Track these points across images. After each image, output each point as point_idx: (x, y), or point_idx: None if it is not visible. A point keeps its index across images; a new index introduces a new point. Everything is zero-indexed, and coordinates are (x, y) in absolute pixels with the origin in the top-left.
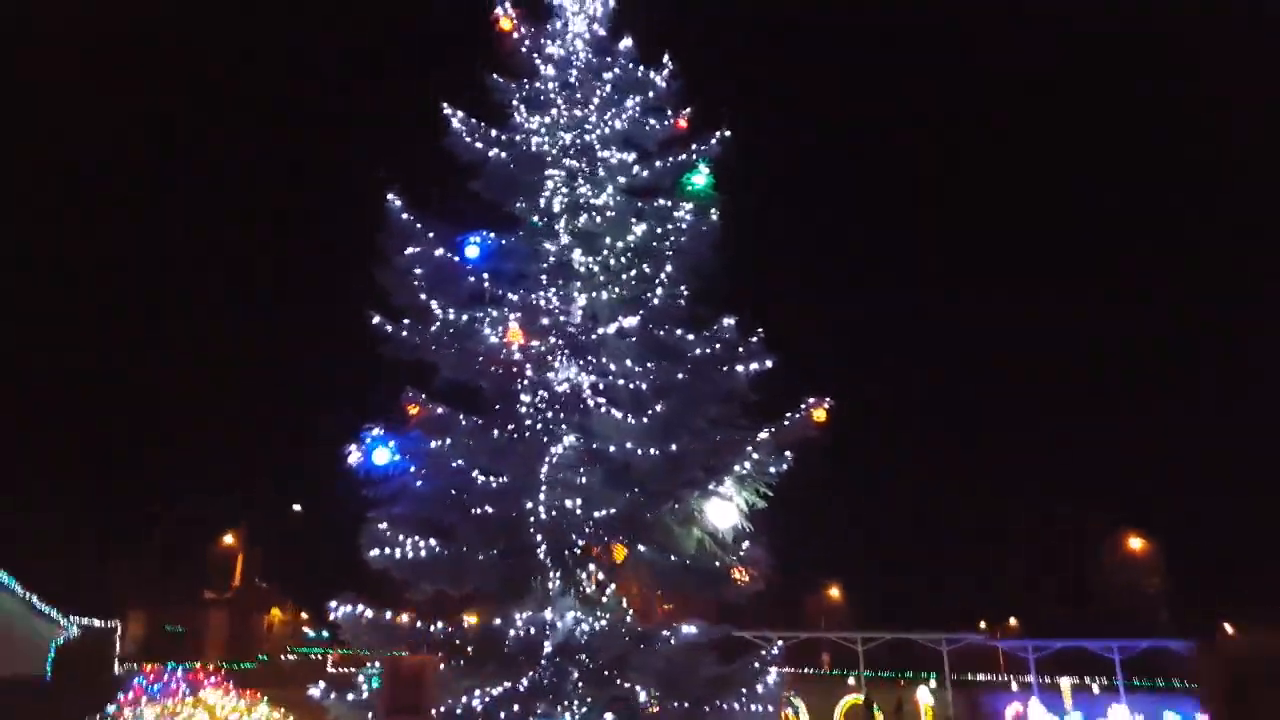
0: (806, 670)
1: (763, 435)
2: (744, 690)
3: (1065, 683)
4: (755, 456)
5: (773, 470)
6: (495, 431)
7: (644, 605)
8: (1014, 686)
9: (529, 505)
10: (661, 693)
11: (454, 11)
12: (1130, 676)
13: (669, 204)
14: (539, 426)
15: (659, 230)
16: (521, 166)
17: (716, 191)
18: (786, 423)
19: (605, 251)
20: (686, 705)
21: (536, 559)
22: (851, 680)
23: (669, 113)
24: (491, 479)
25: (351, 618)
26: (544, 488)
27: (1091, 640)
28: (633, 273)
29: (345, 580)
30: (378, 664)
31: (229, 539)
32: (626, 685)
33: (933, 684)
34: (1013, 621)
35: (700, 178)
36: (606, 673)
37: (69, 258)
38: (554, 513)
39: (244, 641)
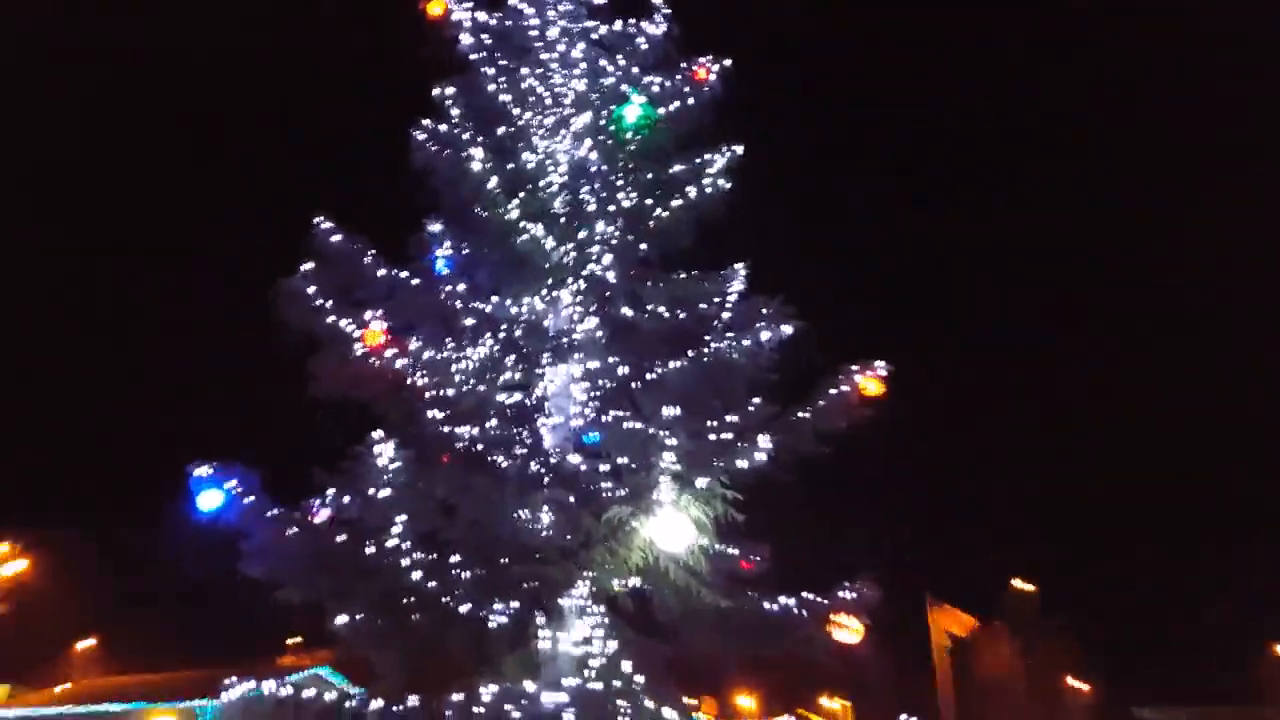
0: None
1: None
2: None
3: None
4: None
5: (743, 464)
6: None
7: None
8: None
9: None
10: None
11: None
12: None
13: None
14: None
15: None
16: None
17: (654, 121)
18: (822, 402)
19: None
20: None
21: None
22: None
23: (682, 64)
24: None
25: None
26: (398, 517)
27: None
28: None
29: None
30: None
31: None
32: None
33: None
34: None
35: (632, 110)
36: None
37: None
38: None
39: None
